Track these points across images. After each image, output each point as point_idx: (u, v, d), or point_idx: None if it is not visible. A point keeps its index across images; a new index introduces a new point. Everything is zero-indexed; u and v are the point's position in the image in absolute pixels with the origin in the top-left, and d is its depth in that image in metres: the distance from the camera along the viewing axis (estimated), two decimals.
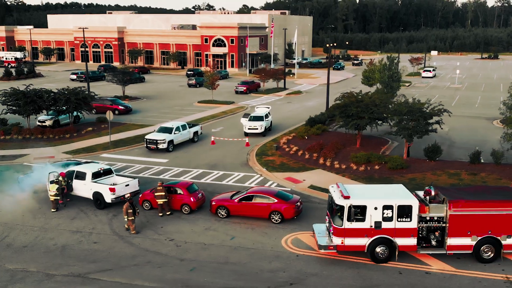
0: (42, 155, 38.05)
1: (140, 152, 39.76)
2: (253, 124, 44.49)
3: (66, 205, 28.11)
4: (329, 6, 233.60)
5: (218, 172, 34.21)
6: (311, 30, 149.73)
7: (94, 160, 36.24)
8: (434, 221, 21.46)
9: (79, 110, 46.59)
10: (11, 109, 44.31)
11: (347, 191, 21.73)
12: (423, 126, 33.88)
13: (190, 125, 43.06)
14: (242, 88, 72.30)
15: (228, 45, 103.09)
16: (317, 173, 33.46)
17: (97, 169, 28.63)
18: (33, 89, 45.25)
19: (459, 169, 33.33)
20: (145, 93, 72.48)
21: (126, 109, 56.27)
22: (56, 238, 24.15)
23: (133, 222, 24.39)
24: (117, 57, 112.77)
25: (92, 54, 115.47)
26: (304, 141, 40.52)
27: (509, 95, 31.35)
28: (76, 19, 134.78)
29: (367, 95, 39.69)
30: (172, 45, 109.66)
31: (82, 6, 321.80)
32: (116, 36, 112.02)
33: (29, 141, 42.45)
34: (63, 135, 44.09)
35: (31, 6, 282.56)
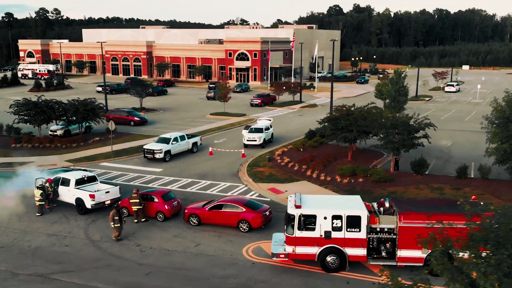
0: (46, 163, 40.04)
1: (139, 161, 41.18)
2: (252, 136, 45.31)
3: (52, 210, 29.63)
4: (363, 20, 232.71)
5: (206, 182, 35.14)
6: (339, 44, 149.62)
7: (93, 168, 37.94)
8: (385, 232, 21.66)
9: (87, 120, 48.57)
10: (23, 119, 46.70)
11: (300, 201, 22.25)
12: (408, 140, 33.87)
13: (189, 136, 44.28)
14: (257, 101, 73.31)
15: (251, 59, 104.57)
16: (301, 184, 33.89)
17: (81, 176, 30.08)
18: (44, 100, 47.58)
19: (444, 183, 33.07)
20: (164, 105, 74.52)
21: (141, 120, 58.06)
22: (33, 240, 25.57)
23: (118, 229, 25.15)
24: (146, 71, 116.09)
25: (122, 67, 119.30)
26: (299, 153, 41.01)
27: (492, 110, 31.02)
28: (109, 33, 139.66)
29: (358, 108, 39.89)
30: (198, 59, 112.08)
31: (123, 21, 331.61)
32: (145, 50, 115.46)
33: (37, 149, 44.65)
34: (70, 144, 46.15)
35: (74, 20, 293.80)
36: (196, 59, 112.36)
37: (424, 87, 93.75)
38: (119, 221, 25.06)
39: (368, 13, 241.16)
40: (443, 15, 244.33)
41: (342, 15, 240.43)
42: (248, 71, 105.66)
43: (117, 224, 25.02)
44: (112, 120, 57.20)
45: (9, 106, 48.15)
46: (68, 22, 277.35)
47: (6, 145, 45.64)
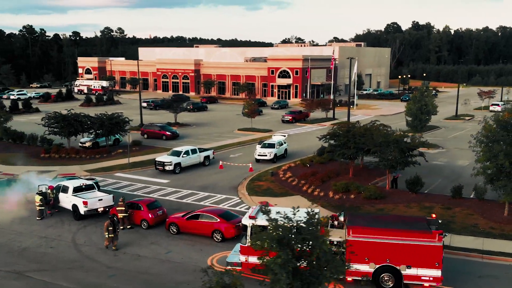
0: (66, 172, 42.96)
1: (151, 173, 43.22)
2: (263, 151, 46.32)
3: (52, 215, 32.00)
4: (422, 37, 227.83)
5: (204, 194, 36.51)
6: (388, 61, 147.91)
7: (106, 178, 40.48)
8: (334, 245, 21.97)
9: (113, 133, 51.41)
10: (52, 131, 50.22)
11: (256, 212, 23.08)
12: (401, 158, 33.68)
13: (201, 150, 45.94)
14: (288, 117, 74.20)
15: (293, 76, 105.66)
16: (293, 199, 34.44)
17: (79, 184, 32.32)
18: (74, 113, 50.94)
19: (436, 203, 32.61)
20: (200, 120, 77.04)
21: (173, 135, 60.41)
22: (24, 241, 27.85)
23: (112, 239, 26.33)
24: (193, 88, 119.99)
25: (172, 84, 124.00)
26: (304, 169, 41.50)
27: (481, 129, 30.24)
28: (163, 52, 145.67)
29: (360, 125, 39.94)
30: (242, 76, 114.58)
31: (187, 40, 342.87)
32: (193, 68, 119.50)
33: (63, 159, 47.85)
34: (95, 155, 49.05)
35: (140, 39, 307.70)
36: (241, 76, 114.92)
37: (467, 106, 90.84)
38: (112, 231, 26.26)
39: (428, 30, 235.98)
40: (507, 32, 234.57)
41: (400, 32, 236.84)
42: (289, 88, 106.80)
43: (110, 234, 26.19)
44: (147, 133, 60.78)
45: (41, 118, 51.93)
46: (135, 41, 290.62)
47: (36, 154, 49.20)
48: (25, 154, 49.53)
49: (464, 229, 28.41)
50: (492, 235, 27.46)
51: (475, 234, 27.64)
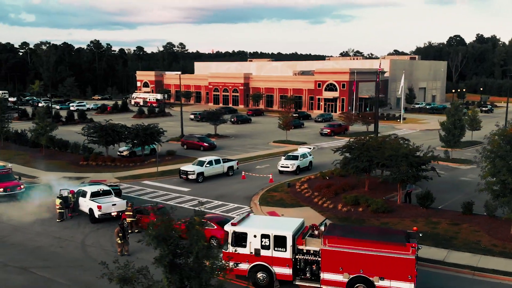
0: (98, 178, 45.61)
1: (176, 181, 44.98)
2: (286, 163, 46.99)
3: (73, 217, 34.31)
4: (486, 50, 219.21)
5: (218, 202, 37.71)
6: (444, 75, 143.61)
7: (133, 185, 42.75)
8: (311, 254, 22.43)
9: (148, 143, 53.83)
10: (91, 140, 53.36)
11: (242, 220, 23.98)
12: (410, 172, 33.32)
13: (225, 160, 47.29)
14: (326, 131, 74.27)
15: (339, 89, 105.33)
16: (301, 210, 34.91)
17: (97, 190, 34.44)
18: (111, 123, 53.88)
19: (445, 218, 32.02)
20: (240, 132, 78.76)
21: (210, 146, 62.25)
22: (39, 240, 30.15)
23: (122, 245, 27.63)
24: (242, 101, 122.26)
25: (222, 97, 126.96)
26: (322, 181, 41.74)
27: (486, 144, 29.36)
28: (218, 66, 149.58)
29: (373, 139, 39.71)
30: (290, 89, 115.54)
31: (248, 54, 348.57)
32: (243, 81, 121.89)
33: (99, 167, 50.70)
34: (129, 164, 51.63)
35: (203, 54, 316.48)
36: (288, 89, 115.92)
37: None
38: (123, 237, 27.54)
39: (493, 43, 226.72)
40: None
41: (463, 45, 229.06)
42: (336, 101, 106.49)
43: (121, 240, 27.44)
44: (186, 144, 63.03)
45: (81, 128, 55.30)
46: (198, 55, 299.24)
47: (76, 162, 52.43)
48: (67, 161, 52.98)
49: (465, 245, 27.81)
50: (492, 252, 26.72)
51: (475, 251, 26.99)
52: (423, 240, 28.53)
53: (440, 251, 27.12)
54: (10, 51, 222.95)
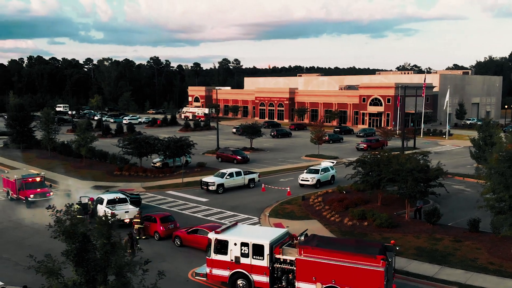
0: (128, 188, 48.00)
1: (197, 192, 46.51)
2: (306, 176, 47.47)
3: (91, 223, 36.43)
4: None
5: (230, 213, 38.83)
6: (500, 90, 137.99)
7: (157, 195, 44.79)
8: (287, 263, 23.02)
9: (178, 155, 55.89)
10: (126, 151, 56.12)
11: (225, 227, 25.02)
12: (416, 187, 33.04)
13: (246, 173, 48.40)
14: (363, 145, 73.73)
15: (384, 104, 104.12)
16: (308, 223, 35.31)
17: (113, 197, 36.51)
18: (144, 136, 56.45)
19: (449, 235, 31.52)
20: (277, 145, 79.78)
21: (243, 159, 63.66)
22: (52, 243, 31.91)
23: (130, 254, 28.14)
24: (287, 115, 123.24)
25: (268, 111, 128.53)
26: (338, 195, 41.86)
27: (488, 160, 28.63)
28: (266, 81, 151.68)
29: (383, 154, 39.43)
30: (335, 104, 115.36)
31: (304, 70, 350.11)
32: (288, 96, 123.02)
33: (131, 177, 53.20)
34: (158, 174, 53.85)
35: (259, 69, 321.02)
36: (333, 104, 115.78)
37: None
38: (130, 247, 28.55)
39: None
40: None
41: None
42: (381, 116, 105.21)
43: (128, 250, 28.28)
44: (221, 157, 64.81)
45: (117, 140, 58.24)
46: (254, 71, 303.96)
47: (111, 172, 55.24)
48: (103, 171, 55.96)
49: (460, 262, 27.34)
50: (486, 270, 26.13)
51: (469, 268, 26.50)
52: (419, 256, 28.46)
53: (433, 267, 26.84)
54: (75, 67, 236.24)
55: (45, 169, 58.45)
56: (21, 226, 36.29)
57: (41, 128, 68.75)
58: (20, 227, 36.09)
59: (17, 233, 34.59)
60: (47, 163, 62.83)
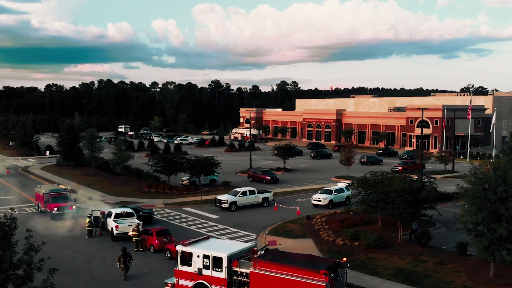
0: (149, 204, 50.58)
1: (212, 209, 48.07)
2: (318, 197, 47.90)
3: (102, 235, 38.99)
4: None
5: (232, 230, 40.08)
6: None
7: (173, 211, 47.00)
8: (243, 276, 23.99)
9: (204, 174, 57.95)
10: (156, 169, 58.98)
11: (194, 240, 26.47)
12: (405, 209, 32.85)
13: (260, 191, 49.55)
14: (398, 168, 72.64)
15: (432, 126, 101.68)
16: (301, 241, 35.91)
17: (120, 212, 38.91)
18: (172, 155, 59.16)
19: (434, 257, 31.14)
20: (313, 166, 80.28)
21: (272, 179, 64.86)
22: (60, 251, 35.05)
23: (123, 269, 29.83)
24: (334, 136, 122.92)
25: (315, 133, 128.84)
26: (344, 216, 41.95)
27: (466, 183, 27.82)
28: (317, 102, 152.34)
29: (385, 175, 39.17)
30: (382, 125, 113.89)
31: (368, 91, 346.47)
32: (335, 117, 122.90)
33: (157, 194, 55.87)
34: (182, 192, 56.16)
35: (321, 91, 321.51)
36: (381, 126, 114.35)
37: None
38: (124, 262, 29.05)
39: None
40: None
41: None
42: (429, 138, 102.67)
43: (122, 265, 29.00)
44: (251, 177, 66.41)
45: (148, 159, 61.27)
46: (316, 93, 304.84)
47: (140, 189, 58.22)
48: (134, 188, 59.07)
49: (434, 284, 27.05)
50: None
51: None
52: (395, 277, 28.41)
53: (404, 287, 26.73)
54: (141, 90, 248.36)
55: (84, 185, 62.67)
56: (37, 235, 39.26)
57: (85, 147, 73.52)
58: (35, 236, 39.03)
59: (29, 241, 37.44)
60: (88, 179, 67.06)
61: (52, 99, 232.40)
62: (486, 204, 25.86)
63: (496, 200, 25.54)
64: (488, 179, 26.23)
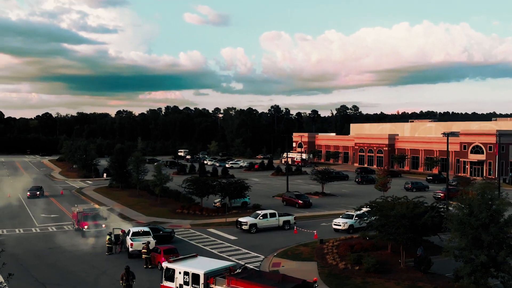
0: (178, 224, 52.63)
1: (233, 231, 49.19)
2: (339, 221, 47.87)
3: (122, 252, 41.17)
4: None
5: (244, 251, 41.05)
6: None
7: (197, 231, 48.72)
8: None
9: (233, 197, 59.45)
10: (189, 191, 61.19)
11: (180, 258, 27.87)
12: (403, 234, 32.45)
13: (281, 215, 50.16)
14: (439, 194, 70.57)
15: (486, 152, 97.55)
16: (305, 264, 36.25)
17: (138, 230, 41.01)
18: (205, 178, 61.18)
19: (432, 284, 30.46)
20: (353, 192, 79.64)
21: (305, 204, 64.99)
22: (78, 266, 37.52)
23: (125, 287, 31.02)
24: (386, 162, 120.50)
25: (367, 158, 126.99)
26: (359, 241, 41.75)
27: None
28: (371, 127, 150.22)
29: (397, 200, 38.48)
30: (436, 151, 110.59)
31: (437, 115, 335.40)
32: (387, 142, 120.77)
33: (187, 215, 57.90)
34: (212, 213, 57.81)
35: (387, 115, 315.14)
36: (434, 151, 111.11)
37: None
38: (126, 280, 29.95)
39: None
40: None
41: None
42: (483, 164, 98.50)
43: (124, 283, 29.93)
44: (286, 201, 67.19)
45: (182, 181, 63.65)
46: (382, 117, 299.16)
47: (174, 210, 60.54)
48: (169, 209, 61.59)
49: None
50: None
51: None
52: None
53: None
54: (204, 116, 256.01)
55: (126, 205, 66.06)
56: (63, 250, 42.22)
57: (132, 170, 77.34)
58: (62, 252, 41.96)
59: (57, 257, 40.35)
60: (132, 200, 70.51)
61: (122, 124, 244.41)
62: (470, 230, 25.34)
63: (479, 225, 24.98)
64: (472, 204, 25.72)
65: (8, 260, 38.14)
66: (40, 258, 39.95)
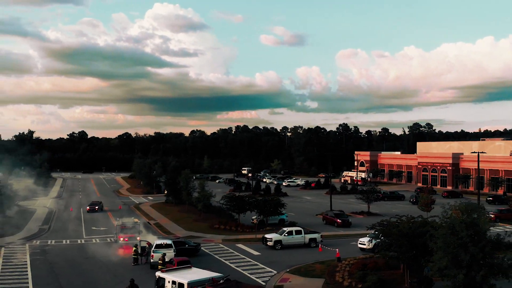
0: (210, 239, 54.52)
1: (259, 247, 50.07)
2: (364, 240, 47.37)
3: (147, 263, 43.50)
4: None
5: (260, 266, 41.91)
6: None
7: (225, 246, 50.31)
8: None
9: (269, 214, 60.52)
10: (227, 207, 63.01)
11: (173, 269, 29.51)
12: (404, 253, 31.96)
13: (307, 232, 50.44)
14: (491, 215, 66.84)
15: None
16: (312, 280, 36.58)
17: (161, 243, 43.20)
18: (241, 196, 62.81)
19: None
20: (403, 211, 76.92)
21: (344, 223, 64.47)
22: (102, 274, 40.20)
23: None
24: (450, 182, 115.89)
25: (431, 177, 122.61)
26: (372, 260, 41.16)
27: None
28: (439, 145, 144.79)
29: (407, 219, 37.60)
30: (501, 170, 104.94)
31: None
32: (451, 161, 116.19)
33: (222, 230, 59.60)
34: (246, 230, 59.11)
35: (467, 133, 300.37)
36: (500, 171, 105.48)
37: None
38: None
39: None
40: None
41: None
42: None
43: None
44: (325, 219, 67.31)
45: (221, 198, 65.54)
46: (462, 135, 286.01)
47: (213, 225, 62.46)
48: (207, 224, 63.68)
49: None
50: None
51: None
52: None
53: None
54: (272, 135, 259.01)
55: (172, 220, 69.16)
56: (96, 261, 45.14)
57: (182, 187, 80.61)
58: (95, 262, 44.95)
59: (88, 266, 43.37)
60: (179, 215, 73.50)
61: (194, 143, 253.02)
62: (452, 249, 24.86)
63: (458, 245, 24.46)
64: (454, 223, 25.23)
65: (45, 268, 42.31)
66: (73, 267, 43.16)
